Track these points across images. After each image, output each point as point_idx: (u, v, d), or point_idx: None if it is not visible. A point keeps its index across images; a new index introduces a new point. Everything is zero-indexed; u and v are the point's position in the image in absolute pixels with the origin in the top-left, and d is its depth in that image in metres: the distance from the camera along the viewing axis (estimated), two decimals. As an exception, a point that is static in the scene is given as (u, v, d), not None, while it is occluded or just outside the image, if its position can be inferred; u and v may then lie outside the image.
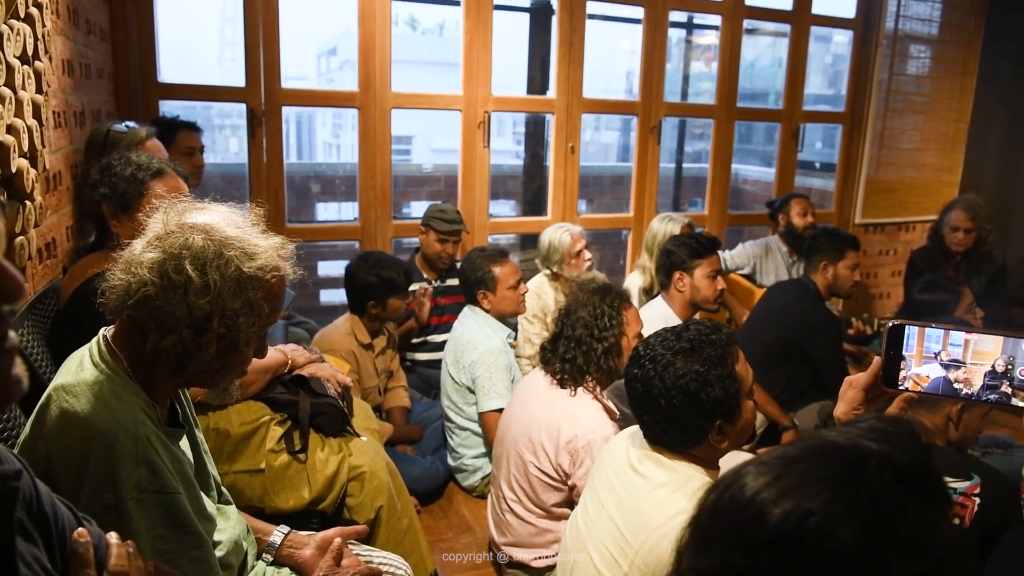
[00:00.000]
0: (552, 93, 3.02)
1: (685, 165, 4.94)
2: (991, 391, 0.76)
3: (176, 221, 0.88)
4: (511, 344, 2.25)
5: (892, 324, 0.80)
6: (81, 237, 1.62)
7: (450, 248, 2.58)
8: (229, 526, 1.04)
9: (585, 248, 2.59)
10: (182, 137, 2.18)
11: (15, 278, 0.43)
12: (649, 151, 3.20)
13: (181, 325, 0.84)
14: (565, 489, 1.58)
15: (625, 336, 1.63)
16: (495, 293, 2.20)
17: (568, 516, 1.36)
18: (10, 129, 1.11)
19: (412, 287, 2.38)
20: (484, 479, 2.14)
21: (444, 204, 2.68)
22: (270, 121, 2.56)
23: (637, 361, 1.15)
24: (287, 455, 1.43)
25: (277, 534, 1.16)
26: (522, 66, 3.67)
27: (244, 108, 2.53)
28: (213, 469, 1.08)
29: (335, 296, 4.01)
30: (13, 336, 0.44)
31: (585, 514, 1.23)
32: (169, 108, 2.45)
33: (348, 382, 1.62)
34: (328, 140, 15.45)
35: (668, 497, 1.07)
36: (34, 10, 1.24)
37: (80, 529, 0.67)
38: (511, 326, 2.34)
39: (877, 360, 0.82)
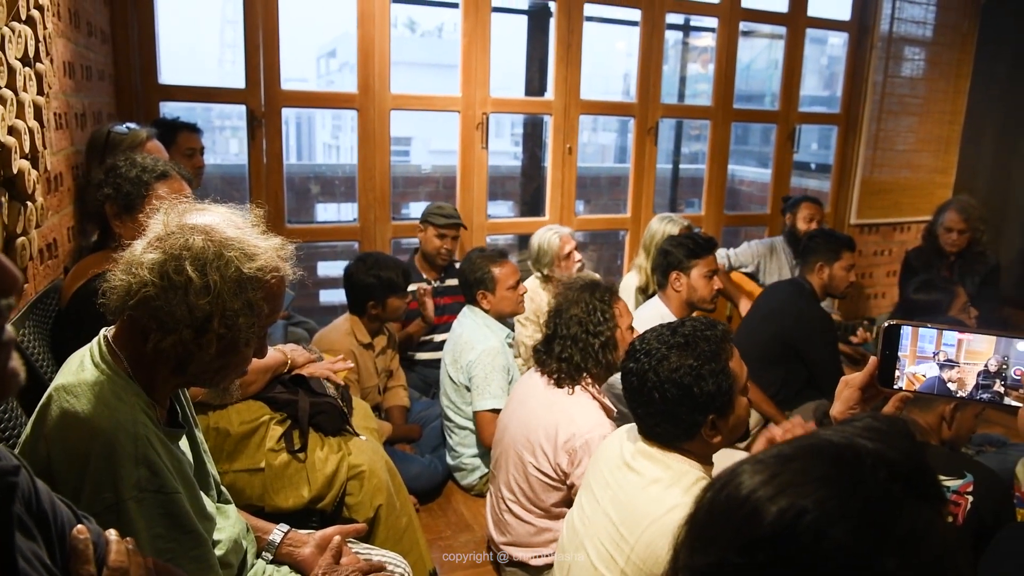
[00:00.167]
0: (550, 95, 3.03)
1: (682, 166, 4.94)
2: (984, 390, 0.76)
3: (176, 222, 0.89)
4: (510, 344, 2.26)
5: (888, 324, 0.80)
6: (82, 237, 1.63)
7: (448, 243, 2.58)
8: (228, 525, 1.05)
9: (575, 250, 2.58)
10: (182, 138, 2.19)
11: (11, 272, 0.43)
12: (646, 152, 3.21)
13: (181, 325, 0.84)
14: (564, 489, 1.58)
15: (619, 328, 1.64)
16: (494, 293, 2.21)
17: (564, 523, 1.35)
18: (11, 131, 1.12)
19: (411, 287, 2.39)
20: (482, 478, 2.15)
21: (441, 202, 2.69)
22: (270, 122, 2.57)
23: (633, 355, 1.17)
24: (287, 454, 1.43)
25: (277, 533, 1.16)
26: (520, 68, 3.68)
27: (244, 110, 2.54)
28: (212, 469, 1.09)
29: (334, 296, 4.01)
30: (10, 330, 0.44)
31: (581, 512, 1.23)
32: (169, 110, 2.45)
33: (339, 380, 1.63)
34: (327, 141, 15.45)
35: (662, 493, 1.08)
36: (35, 12, 1.25)
37: (79, 526, 0.67)
38: (509, 326, 2.35)
39: (873, 360, 0.83)
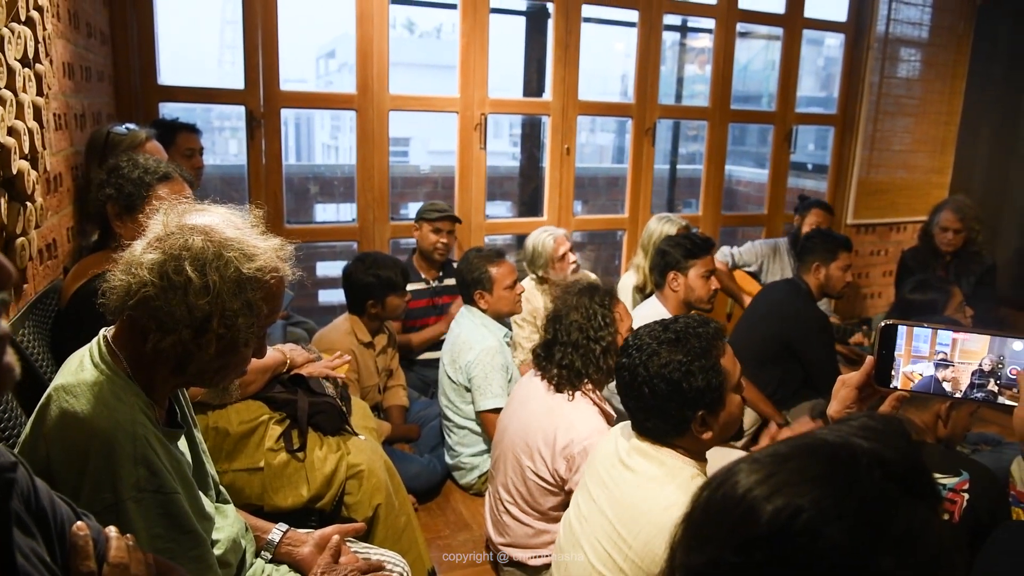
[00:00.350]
0: (548, 95, 3.04)
1: (679, 166, 4.96)
2: (978, 390, 0.77)
3: (176, 222, 0.89)
4: (507, 343, 2.26)
5: (884, 324, 0.81)
6: (82, 238, 1.63)
7: (444, 237, 2.59)
8: (227, 525, 1.05)
9: (569, 251, 2.58)
10: (182, 139, 2.19)
11: (5, 266, 0.43)
12: (644, 153, 3.22)
13: (181, 325, 0.85)
14: (562, 494, 1.57)
15: (619, 333, 1.63)
16: (492, 293, 2.22)
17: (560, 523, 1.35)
18: (11, 131, 1.12)
19: (410, 287, 2.39)
20: (481, 477, 2.15)
21: (433, 200, 2.71)
22: (269, 123, 2.57)
23: (625, 350, 1.18)
24: (286, 454, 1.44)
25: (276, 532, 1.16)
26: (518, 69, 3.69)
27: (243, 110, 2.54)
28: (211, 468, 1.09)
29: (334, 296, 4.02)
30: (4, 324, 0.44)
31: (578, 511, 1.24)
32: (169, 110, 2.46)
33: (340, 376, 1.62)
34: (326, 142, 15.45)
35: (659, 490, 1.09)
36: (35, 13, 1.25)
37: (79, 523, 0.67)
38: (507, 326, 2.35)
39: (870, 359, 0.83)
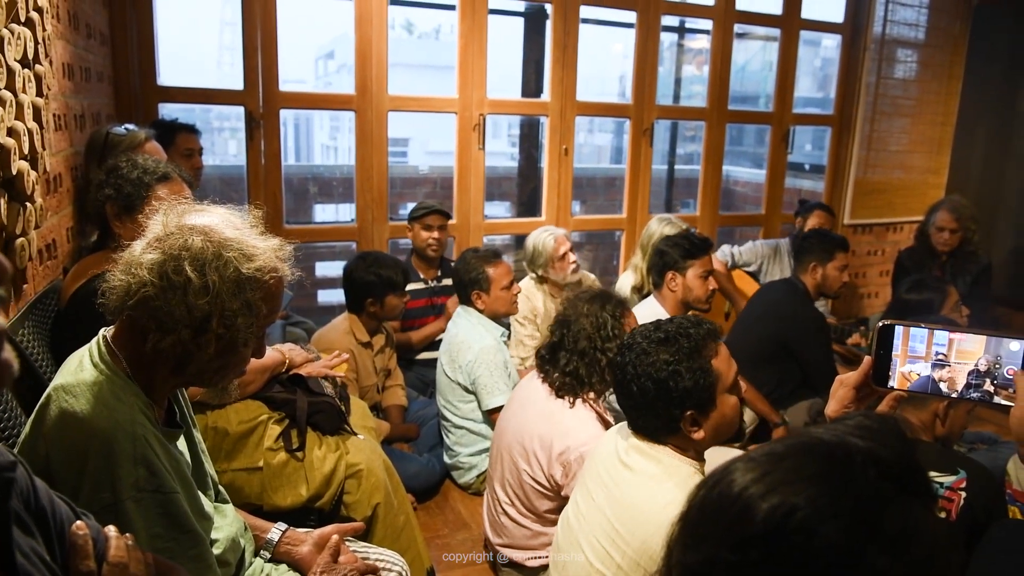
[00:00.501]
0: (546, 96, 3.05)
1: (677, 167, 4.97)
2: (974, 390, 0.77)
3: (175, 223, 0.89)
4: (504, 342, 2.27)
5: (882, 324, 0.81)
6: (81, 238, 1.63)
7: (435, 233, 2.60)
8: (226, 524, 1.05)
9: (570, 251, 2.59)
10: (181, 139, 2.20)
11: (1, 262, 0.43)
12: (642, 153, 3.23)
13: (180, 325, 0.85)
14: (557, 498, 1.57)
15: None
16: (489, 293, 2.22)
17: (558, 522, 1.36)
18: (11, 132, 1.12)
19: (409, 287, 2.40)
20: (480, 476, 2.16)
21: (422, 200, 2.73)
22: (268, 124, 2.58)
23: (620, 349, 1.21)
24: (285, 453, 1.44)
25: (275, 531, 1.17)
26: (516, 69, 3.70)
27: (243, 111, 2.55)
28: (210, 468, 1.09)
29: (333, 296, 4.02)
30: (1, 321, 0.44)
31: (576, 509, 1.24)
32: (168, 111, 2.46)
33: (338, 375, 1.63)
34: (326, 142, 15.46)
35: (657, 488, 1.09)
36: (35, 14, 1.25)
37: (78, 522, 0.67)
38: (505, 326, 2.36)
39: (867, 359, 0.83)
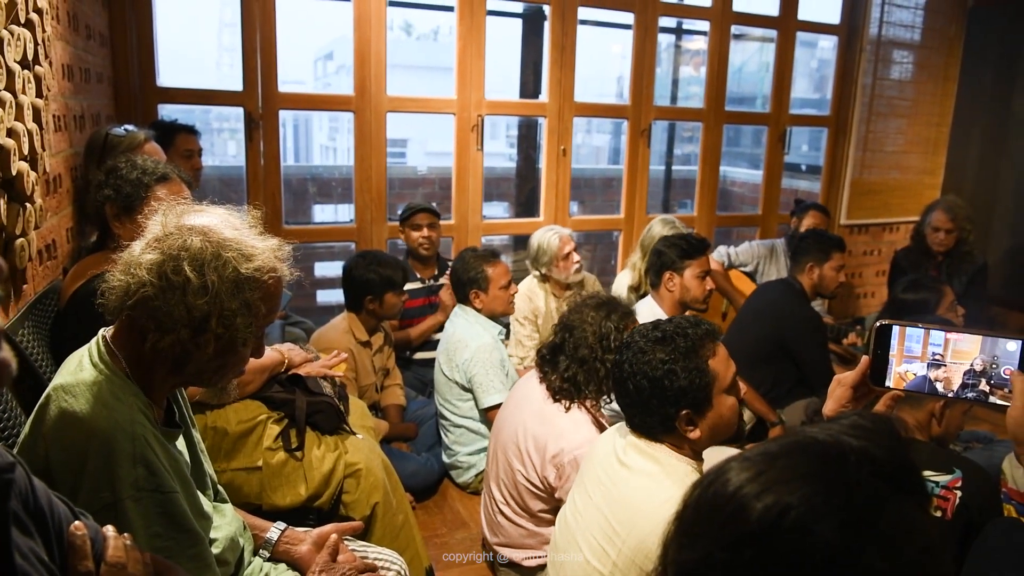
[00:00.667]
0: (544, 97, 3.05)
1: (674, 167, 4.98)
2: (970, 389, 0.78)
3: (175, 223, 0.89)
4: (502, 341, 2.27)
5: (880, 324, 0.82)
6: (81, 238, 1.64)
7: (425, 231, 2.61)
8: (225, 523, 1.06)
9: (574, 250, 2.60)
10: (181, 140, 2.20)
11: None
12: (639, 154, 3.24)
13: (179, 325, 0.85)
14: (551, 500, 1.58)
15: None
16: (487, 292, 2.22)
17: (555, 521, 1.36)
18: (11, 132, 1.12)
19: (406, 286, 2.41)
20: (478, 476, 2.16)
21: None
22: (267, 124, 2.58)
23: (618, 348, 1.22)
24: (284, 453, 1.44)
25: (274, 531, 1.17)
26: (515, 70, 3.71)
27: (242, 112, 2.55)
28: (209, 468, 1.10)
29: (332, 296, 4.03)
30: None
31: (574, 508, 1.25)
32: (168, 112, 2.47)
33: (337, 375, 1.63)
34: (325, 143, 15.48)
35: (655, 486, 1.10)
36: (34, 15, 1.26)
37: (76, 522, 0.68)
38: (504, 325, 2.36)
39: (865, 359, 0.84)
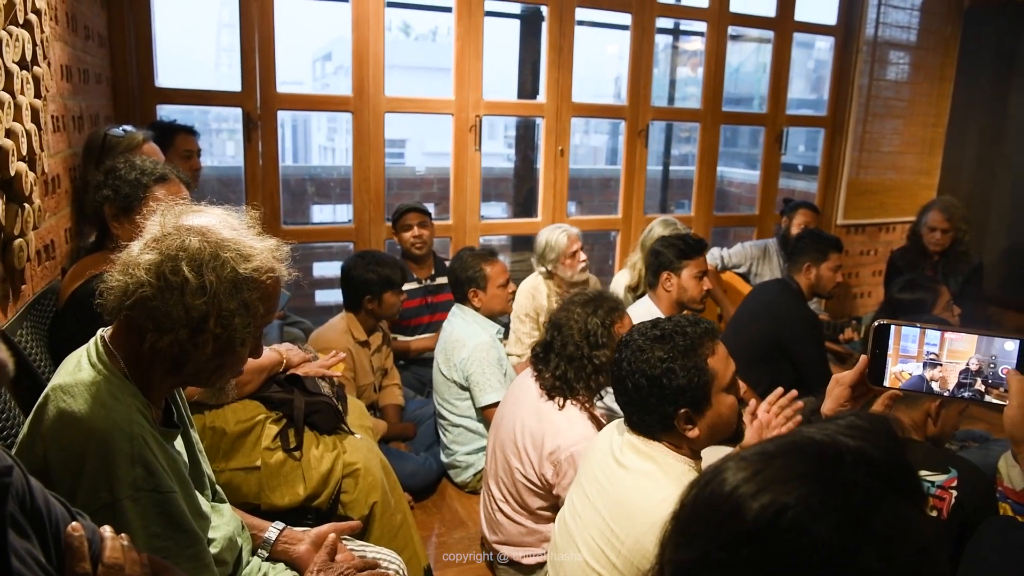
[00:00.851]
0: (542, 97, 3.06)
1: (672, 168, 5.00)
2: (966, 388, 0.79)
3: (173, 223, 0.90)
4: (499, 340, 2.27)
5: (878, 324, 0.82)
6: (80, 239, 1.64)
7: (416, 231, 2.61)
8: (223, 523, 1.06)
9: (580, 249, 2.61)
10: (179, 141, 2.20)
11: None
12: (637, 154, 3.24)
13: (178, 325, 0.85)
14: (549, 497, 1.58)
15: None
16: (486, 291, 2.23)
17: (554, 519, 1.37)
18: (9, 133, 1.12)
19: (406, 286, 2.41)
20: (476, 475, 2.17)
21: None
22: (266, 125, 2.59)
23: (617, 347, 1.22)
24: (282, 453, 1.45)
25: (272, 530, 1.17)
26: (513, 71, 3.72)
27: (240, 112, 2.55)
28: (207, 468, 1.10)
29: (330, 296, 4.03)
30: None
31: (572, 509, 1.25)
32: (166, 112, 2.47)
33: (335, 374, 1.64)
34: (323, 143, 15.46)
35: (652, 486, 1.10)
36: (33, 16, 1.26)
37: (73, 523, 0.67)
38: (503, 325, 2.37)
39: (863, 359, 0.84)
